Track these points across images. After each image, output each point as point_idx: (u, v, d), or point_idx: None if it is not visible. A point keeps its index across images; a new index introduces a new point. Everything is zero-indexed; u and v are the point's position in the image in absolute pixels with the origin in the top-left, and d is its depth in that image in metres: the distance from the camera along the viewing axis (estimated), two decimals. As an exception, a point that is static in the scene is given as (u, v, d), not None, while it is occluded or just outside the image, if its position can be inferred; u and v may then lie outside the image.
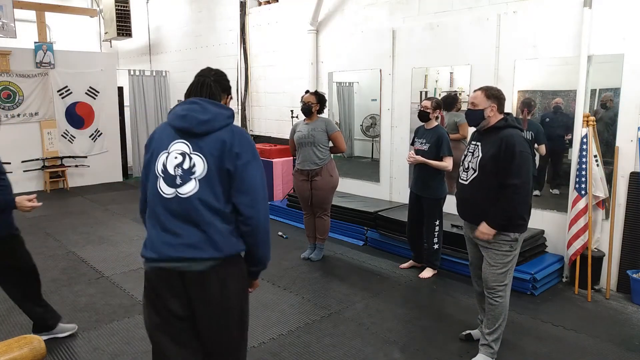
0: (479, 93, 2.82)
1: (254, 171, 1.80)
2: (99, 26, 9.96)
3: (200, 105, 1.82)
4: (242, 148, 1.78)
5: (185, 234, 1.73)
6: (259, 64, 7.41)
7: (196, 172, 1.75)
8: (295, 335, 3.28)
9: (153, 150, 1.84)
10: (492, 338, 2.87)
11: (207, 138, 1.77)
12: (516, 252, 2.81)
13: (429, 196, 4.20)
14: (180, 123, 1.80)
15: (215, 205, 1.74)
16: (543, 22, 4.23)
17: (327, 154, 4.51)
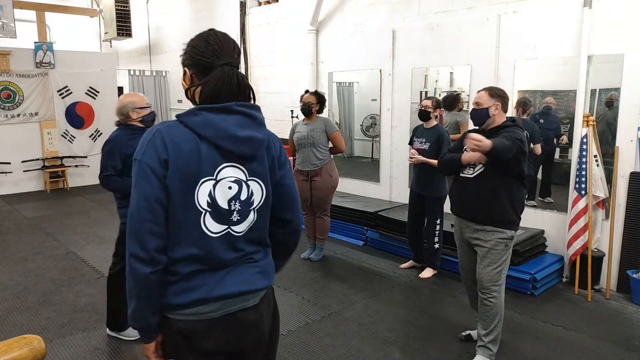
0: (483, 92, 2.85)
1: (293, 178, 1.60)
2: (99, 26, 9.96)
3: (249, 115, 1.40)
4: (284, 155, 1.54)
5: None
6: (259, 64, 7.41)
7: (254, 202, 1.44)
8: (295, 335, 3.28)
9: (184, 174, 1.33)
10: (488, 339, 2.87)
11: (262, 157, 1.44)
12: (510, 250, 2.85)
13: (431, 195, 4.20)
14: (239, 148, 1.37)
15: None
16: (543, 22, 4.23)
17: (327, 155, 4.51)
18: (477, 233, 2.83)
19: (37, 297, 3.88)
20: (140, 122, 3.05)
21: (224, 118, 1.35)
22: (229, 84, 1.37)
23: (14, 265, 4.58)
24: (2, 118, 7.58)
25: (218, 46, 1.39)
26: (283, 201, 1.53)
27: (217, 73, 1.36)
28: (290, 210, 1.57)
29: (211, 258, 1.38)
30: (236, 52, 1.44)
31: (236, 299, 1.41)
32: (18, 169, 7.73)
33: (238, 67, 1.43)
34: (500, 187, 2.74)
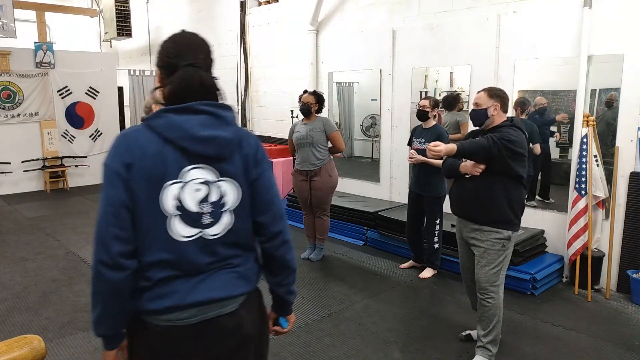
0: (482, 93, 2.86)
1: (272, 179, 1.50)
2: (99, 26, 9.96)
3: (215, 115, 1.36)
4: (262, 153, 1.47)
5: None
6: (259, 64, 7.41)
7: (228, 203, 1.39)
8: (295, 335, 3.28)
9: (149, 177, 1.31)
10: (487, 340, 2.87)
11: (233, 156, 1.40)
12: (509, 251, 2.83)
13: (430, 194, 4.20)
14: (203, 148, 1.33)
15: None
16: (543, 22, 4.23)
17: (326, 154, 4.51)
18: (475, 233, 2.84)
19: (37, 297, 3.88)
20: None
21: (187, 119, 1.32)
22: (191, 85, 1.35)
23: (14, 265, 4.59)
24: (2, 118, 7.58)
25: (182, 47, 1.39)
26: (256, 203, 1.45)
27: (179, 74, 1.35)
28: (265, 213, 1.46)
29: (183, 263, 1.34)
30: (202, 52, 1.41)
31: (212, 305, 1.37)
32: (18, 169, 7.73)
33: (204, 67, 1.39)
34: (498, 187, 2.74)
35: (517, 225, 2.82)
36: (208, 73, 1.40)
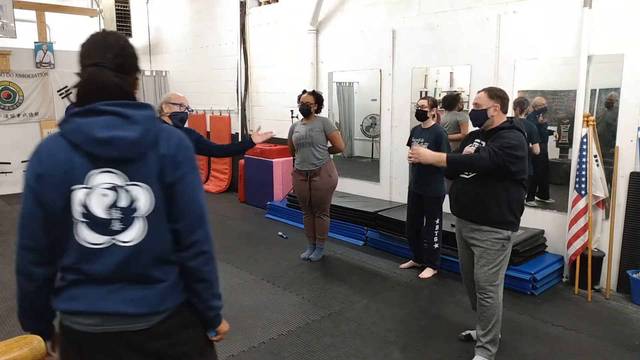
0: (482, 93, 2.85)
1: (195, 184, 1.38)
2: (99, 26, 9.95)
3: (121, 115, 1.28)
4: (183, 155, 1.36)
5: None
6: (259, 64, 7.41)
7: (139, 209, 1.31)
8: (295, 335, 3.28)
9: (59, 185, 1.28)
10: (486, 339, 2.87)
11: (144, 158, 1.31)
12: (508, 251, 2.83)
13: (429, 194, 4.20)
14: (104, 151, 1.26)
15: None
16: (543, 22, 4.23)
17: (326, 154, 4.51)
18: (474, 233, 2.84)
19: (37, 297, 3.87)
20: (169, 118, 3.17)
21: (90, 121, 1.27)
22: (92, 85, 1.30)
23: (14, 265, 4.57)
24: (2, 118, 7.58)
25: (91, 46, 1.35)
26: (173, 209, 1.35)
27: (83, 74, 1.33)
28: (180, 220, 1.35)
29: (92, 270, 1.30)
30: (111, 51, 1.33)
31: (119, 318, 1.30)
32: (18, 169, 7.72)
33: (111, 67, 1.31)
34: (497, 187, 2.74)
35: (516, 226, 2.82)
36: (115, 72, 1.31)
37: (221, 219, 6.36)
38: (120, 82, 1.32)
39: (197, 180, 1.40)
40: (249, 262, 4.70)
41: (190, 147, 1.40)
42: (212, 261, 1.42)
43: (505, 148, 2.65)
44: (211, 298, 1.45)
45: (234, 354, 3.04)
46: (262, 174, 6.85)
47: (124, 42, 1.38)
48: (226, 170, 8.18)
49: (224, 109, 7.99)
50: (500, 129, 2.78)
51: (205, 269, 1.40)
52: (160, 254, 1.35)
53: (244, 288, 4.09)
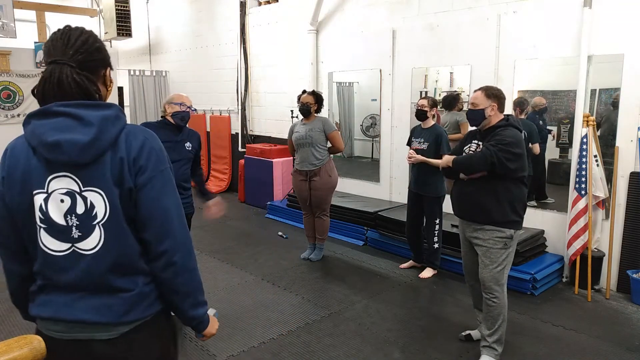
0: (479, 93, 2.85)
1: (162, 188, 1.29)
2: (99, 26, 9.96)
3: (73, 116, 1.21)
4: (146, 158, 1.27)
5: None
6: (259, 64, 7.41)
7: (97, 216, 1.24)
8: (295, 335, 3.28)
9: (21, 188, 1.24)
10: (493, 339, 2.87)
11: (99, 162, 1.22)
12: (511, 250, 2.83)
13: (429, 194, 4.20)
14: (54, 155, 1.20)
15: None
16: (543, 22, 4.23)
17: (326, 154, 4.51)
18: (477, 232, 2.84)
19: (37, 297, 3.87)
20: (172, 118, 3.23)
21: (44, 123, 1.21)
22: (48, 84, 1.22)
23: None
24: (2, 118, 7.58)
25: (53, 43, 1.27)
26: (138, 217, 1.27)
27: (44, 73, 1.24)
28: (147, 229, 1.28)
29: (56, 277, 1.27)
30: (73, 48, 1.25)
31: (83, 326, 1.26)
32: (18, 169, 7.72)
33: (71, 64, 1.24)
34: (497, 186, 2.74)
35: (519, 224, 2.82)
36: (76, 70, 1.24)
37: (221, 219, 6.35)
38: (81, 80, 1.24)
39: (164, 185, 1.29)
40: (249, 262, 4.70)
41: (157, 149, 1.30)
42: (186, 272, 1.33)
43: (501, 145, 2.66)
44: (190, 308, 1.37)
45: (234, 354, 3.04)
46: (262, 174, 6.85)
47: (87, 38, 1.29)
48: (226, 170, 8.18)
49: (224, 109, 7.99)
50: (496, 128, 2.79)
51: (178, 280, 1.32)
52: (123, 263, 1.27)
53: (244, 288, 4.09)
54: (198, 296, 1.39)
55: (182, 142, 3.28)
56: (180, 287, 1.33)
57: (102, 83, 1.33)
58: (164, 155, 1.32)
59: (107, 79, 1.36)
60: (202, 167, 3.69)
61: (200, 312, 1.40)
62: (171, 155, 3.27)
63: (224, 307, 3.71)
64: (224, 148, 8.12)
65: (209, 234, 5.67)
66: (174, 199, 1.32)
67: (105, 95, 1.36)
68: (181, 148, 3.26)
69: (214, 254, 4.94)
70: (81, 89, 1.24)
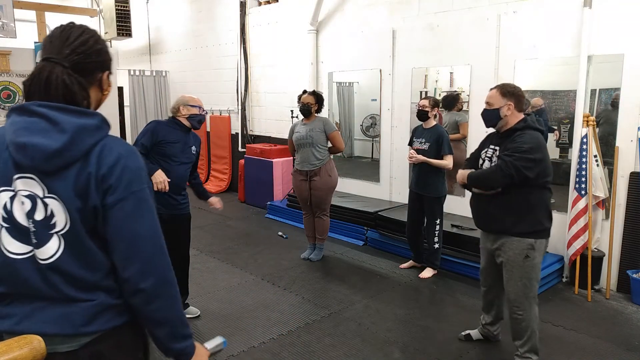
0: (494, 91, 2.68)
1: (133, 211, 1.19)
2: (99, 26, 9.96)
3: (49, 118, 1.14)
4: (117, 177, 1.18)
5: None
6: (259, 64, 7.41)
7: (56, 226, 1.17)
8: (295, 335, 3.28)
9: None
10: (524, 349, 2.72)
11: (65, 172, 1.15)
12: (535, 261, 2.62)
13: (430, 194, 4.20)
14: (18, 156, 1.14)
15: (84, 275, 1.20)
16: (543, 22, 4.23)
17: (326, 154, 4.51)
18: (496, 244, 2.71)
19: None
20: (187, 120, 3.26)
21: (19, 121, 1.15)
22: (36, 82, 1.17)
23: None
24: (2, 118, 7.58)
25: (50, 40, 1.22)
26: (108, 239, 1.19)
27: (34, 69, 1.19)
28: (114, 252, 1.19)
29: (19, 285, 1.19)
30: (70, 47, 1.19)
31: (45, 338, 1.18)
32: (18, 169, 7.72)
33: (65, 64, 1.18)
34: (516, 194, 2.56)
35: (541, 233, 2.61)
36: (68, 70, 1.18)
37: (221, 219, 6.35)
38: (71, 82, 1.17)
39: (136, 207, 1.20)
40: (249, 262, 4.70)
41: (132, 168, 1.20)
42: (159, 300, 1.21)
43: (516, 153, 2.49)
44: (167, 339, 1.25)
45: (234, 354, 3.04)
46: (262, 174, 6.85)
47: (88, 38, 1.23)
48: (226, 170, 8.18)
49: (224, 109, 7.99)
50: (513, 131, 2.61)
51: (150, 308, 1.21)
52: (84, 278, 1.20)
53: (244, 288, 4.09)
54: (177, 327, 1.27)
55: (190, 145, 3.31)
56: (152, 314, 1.23)
57: (97, 87, 1.27)
58: (140, 174, 1.23)
59: (105, 83, 1.30)
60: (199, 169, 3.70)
61: (178, 345, 1.28)
62: (180, 157, 3.29)
63: (224, 307, 3.71)
64: (224, 148, 8.12)
65: (209, 234, 5.67)
66: (148, 222, 1.22)
67: (100, 100, 1.31)
68: (189, 151, 3.30)
69: (214, 254, 4.94)
70: (68, 92, 1.17)
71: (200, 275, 4.33)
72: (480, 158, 2.82)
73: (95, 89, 1.27)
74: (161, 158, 3.16)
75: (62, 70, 1.17)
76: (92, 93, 1.25)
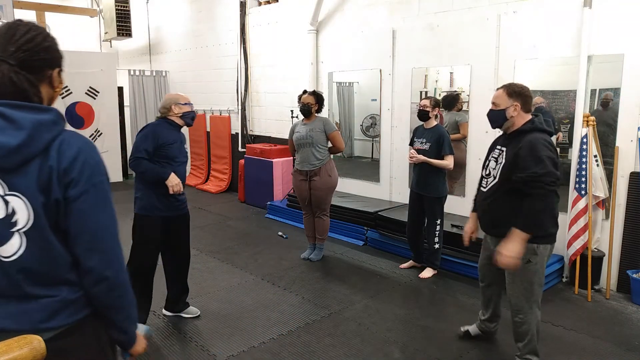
0: (501, 91, 2.64)
1: (95, 202, 1.22)
2: (99, 26, 9.96)
3: (4, 116, 1.15)
4: (79, 171, 1.20)
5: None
6: (259, 64, 7.41)
7: (18, 223, 1.18)
8: (295, 335, 3.28)
9: None
10: (525, 351, 2.71)
11: (26, 168, 1.17)
12: (537, 266, 2.57)
13: (431, 195, 4.20)
14: None
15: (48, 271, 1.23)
16: (543, 22, 4.23)
17: (326, 154, 4.51)
18: (499, 246, 2.63)
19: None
20: (180, 118, 3.23)
21: None
22: None
23: None
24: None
25: None
26: (70, 232, 1.21)
27: None
28: (76, 244, 1.22)
29: None
30: (16, 45, 1.18)
31: (3, 334, 1.18)
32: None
33: (11, 61, 1.17)
34: (519, 198, 2.49)
35: (544, 238, 2.56)
36: (15, 68, 1.18)
37: (221, 219, 6.36)
38: (19, 80, 1.17)
39: (98, 198, 1.23)
40: (249, 262, 4.70)
41: (92, 161, 1.23)
42: (119, 287, 1.28)
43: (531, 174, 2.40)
44: (125, 321, 1.34)
45: (234, 354, 3.04)
46: (262, 174, 6.85)
47: (34, 35, 1.22)
48: (226, 170, 8.18)
49: (224, 109, 7.99)
50: (520, 133, 2.56)
51: (112, 294, 1.28)
52: (47, 273, 1.22)
53: (244, 288, 4.09)
54: (132, 311, 1.35)
55: (184, 143, 3.31)
56: (114, 301, 1.29)
57: (47, 84, 1.26)
58: (100, 168, 1.26)
59: (55, 80, 1.28)
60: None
61: (133, 327, 1.37)
62: (180, 157, 3.28)
63: (224, 307, 3.71)
64: (224, 148, 8.12)
65: (209, 234, 5.67)
66: (108, 213, 1.26)
67: (52, 97, 1.30)
68: (185, 150, 3.29)
69: (214, 254, 4.94)
70: (17, 90, 1.17)
71: (200, 275, 4.33)
72: (486, 161, 2.78)
73: (45, 86, 1.26)
74: (164, 161, 3.12)
75: (8, 68, 1.17)
76: (43, 90, 1.25)
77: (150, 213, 3.14)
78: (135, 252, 3.19)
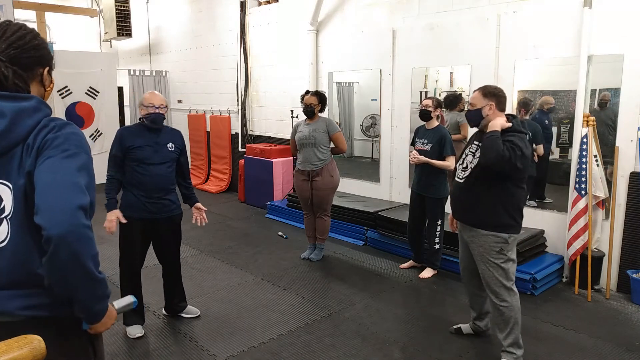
0: (477, 92, 2.83)
1: (60, 162, 1.17)
2: (99, 26, 9.96)
3: None
4: (51, 142, 1.21)
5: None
6: (259, 64, 7.41)
7: (5, 210, 1.20)
8: (295, 335, 3.28)
9: None
10: (508, 342, 2.81)
11: (10, 154, 1.20)
12: (509, 254, 2.75)
13: (432, 195, 4.20)
14: None
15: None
16: (543, 22, 4.23)
17: (328, 155, 4.51)
18: (472, 235, 2.83)
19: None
20: (145, 120, 3.17)
21: None
22: None
23: None
24: None
25: None
26: (35, 201, 1.14)
27: None
28: (39, 211, 1.11)
29: None
30: (6, 42, 1.24)
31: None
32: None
33: (3, 58, 1.23)
34: (491, 189, 2.70)
35: (515, 228, 2.75)
36: (5, 64, 1.22)
37: (221, 219, 6.36)
38: (8, 73, 1.22)
39: (60, 160, 1.17)
40: (249, 262, 4.70)
41: (69, 133, 1.23)
42: (66, 251, 1.10)
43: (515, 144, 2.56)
44: (86, 300, 1.21)
45: (234, 354, 3.04)
46: (262, 174, 6.85)
47: (25, 34, 1.27)
48: (226, 170, 8.18)
49: (224, 109, 7.99)
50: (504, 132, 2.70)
51: (60, 261, 1.11)
52: (26, 260, 1.20)
53: (244, 288, 4.09)
54: (95, 288, 1.19)
55: (164, 144, 3.16)
56: (67, 272, 1.12)
57: (38, 82, 1.31)
58: (75, 140, 1.23)
59: (45, 78, 1.32)
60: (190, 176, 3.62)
61: (99, 306, 1.24)
62: (154, 158, 3.21)
63: (224, 307, 3.71)
64: (224, 148, 8.12)
65: (209, 234, 5.66)
66: (69, 172, 1.16)
67: (43, 97, 1.33)
68: (164, 150, 3.15)
69: (214, 254, 4.94)
70: (8, 84, 1.21)
71: (200, 275, 4.33)
72: (463, 153, 2.92)
73: (36, 85, 1.30)
74: (134, 163, 3.08)
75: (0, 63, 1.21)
76: (34, 88, 1.29)
77: (127, 213, 3.10)
78: (121, 252, 3.22)
